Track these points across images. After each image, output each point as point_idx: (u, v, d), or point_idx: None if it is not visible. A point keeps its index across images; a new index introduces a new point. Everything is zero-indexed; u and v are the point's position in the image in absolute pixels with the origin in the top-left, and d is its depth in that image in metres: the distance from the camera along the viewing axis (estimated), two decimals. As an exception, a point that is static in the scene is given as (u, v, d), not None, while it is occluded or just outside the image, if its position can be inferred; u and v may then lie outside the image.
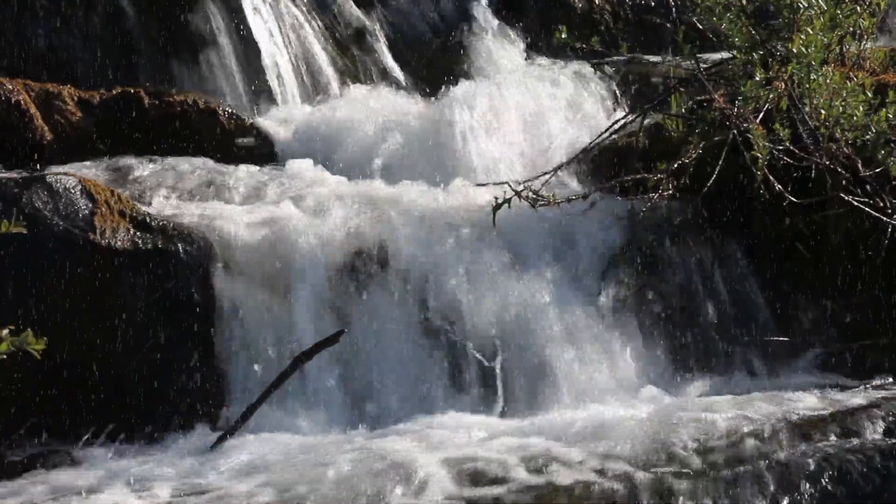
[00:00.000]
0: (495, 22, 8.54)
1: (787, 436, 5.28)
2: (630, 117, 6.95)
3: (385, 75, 8.21)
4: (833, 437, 5.29)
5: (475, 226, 6.41)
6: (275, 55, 7.78)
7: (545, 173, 6.59)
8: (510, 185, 6.28)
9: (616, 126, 6.92)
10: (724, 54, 6.88)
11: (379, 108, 7.64)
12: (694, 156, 6.41)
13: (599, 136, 6.89)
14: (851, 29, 6.63)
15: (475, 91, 7.64)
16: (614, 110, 7.68)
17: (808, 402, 5.71)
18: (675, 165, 6.37)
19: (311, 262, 6.11)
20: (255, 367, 5.90)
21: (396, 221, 6.40)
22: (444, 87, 7.74)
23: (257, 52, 7.74)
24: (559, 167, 6.71)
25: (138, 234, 5.94)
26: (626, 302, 6.31)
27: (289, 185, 6.84)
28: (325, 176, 7.03)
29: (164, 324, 5.85)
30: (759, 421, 5.43)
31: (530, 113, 7.62)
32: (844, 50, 6.68)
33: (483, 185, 6.69)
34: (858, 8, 6.55)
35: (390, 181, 6.96)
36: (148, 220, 6.00)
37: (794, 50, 6.27)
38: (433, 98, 7.76)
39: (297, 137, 7.38)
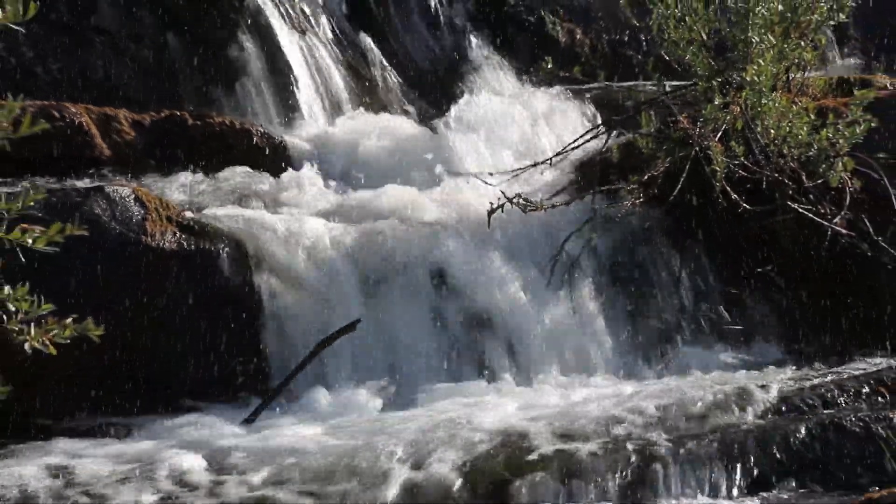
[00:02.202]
0: (489, 53, 8.54)
1: (739, 410, 5.33)
2: (600, 129, 6.97)
3: (394, 98, 8.21)
4: (780, 411, 5.32)
5: (473, 225, 6.46)
6: (300, 82, 7.80)
7: (514, 171, 6.70)
8: (503, 193, 6.30)
9: (586, 138, 6.93)
10: (688, 82, 6.90)
11: (388, 126, 7.66)
12: (662, 169, 6.43)
13: (567, 146, 6.92)
14: (797, 61, 6.66)
15: (471, 112, 7.66)
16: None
17: (759, 382, 5.74)
18: (646, 177, 6.40)
19: (334, 259, 6.16)
20: (287, 349, 5.95)
21: (405, 222, 6.45)
22: (444, 108, 7.76)
23: (285, 79, 7.77)
24: (524, 168, 6.78)
25: (184, 236, 5.98)
26: (601, 293, 6.34)
27: (312, 193, 6.86)
28: (344, 185, 7.05)
29: (207, 312, 5.89)
30: (715, 397, 5.46)
31: (519, 130, 7.64)
32: (791, 78, 6.73)
33: (477, 175, 6.77)
34: (802, 43, 6.59)
35: (398, 187, 6.99)
36: (192, 224, 6.05)
37: (748, 78, 6.32)
38: (435, 118, 7.76)
39: (319, 152, 7.39)
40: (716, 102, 6.34)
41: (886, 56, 9.02)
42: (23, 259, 3.75)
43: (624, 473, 4.89)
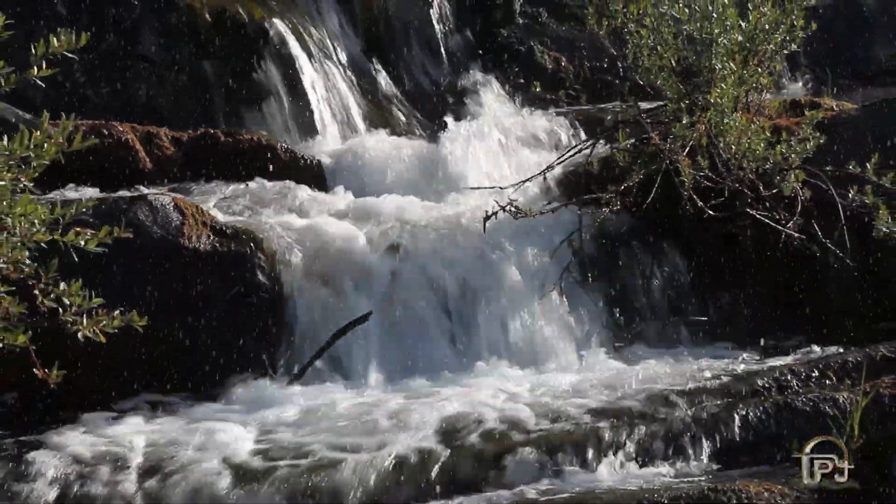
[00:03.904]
0: (484, 78, 8.54)
1: (706, 393, 5.32)
2: (583, 146, 6.96)
3: (401, 119, 8.21)
4: (740, 393, 5.32)
5: (471, 229, 6.43)
6: (318, 104, 7.79)
7: (513, 185, 6.67)
8: (497, 202, 6.31)
9: (571, 153, 6.92)
10: (659, 103, 6.90)
11: (397, 143, 7.65)
12: (637, 180, 6.41)
13: (556, 160, 6.90)
14: (755, 85, 6.66)
15: (470, 130, 7.65)
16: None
17: (721, 368, 5.74)
18: (623, 187, 6.39)
19: (349, 259, 6.16)
20: (307, 338, 5.94)
21: (412, 227, 6.44)
22: (445, 127, 7.75)
23: (305, 102, 7.75)
24: (523, 182, 6.73)
25: (217, 239, 5.97)
26: (583, 289, 6.34)
27: (330, 202, 6.86)
28: (357, 195, 7.05)
29: (238, 306, 5.89)
30: (684, 382, 5.47)
31: (511, 145, 7.64)
32: (749, 101, 6.72)
33: (475, 188, 6.75)
34: (760, 69, 6.59)
35: (405, 197, 6.97)
36: (224, 228, 6.04)
37: (712, 100, 6.32)
38: (437, 135, 7.76)
39: (335, 165, 7.38)
40: (684, 122, 6.33)
41: (832, 81, 9.02)
42: (76, 258, 3.76)
43: (601, 447, 4.90)
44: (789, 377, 5.42)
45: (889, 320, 6.30)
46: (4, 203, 3.53)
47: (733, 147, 6.27)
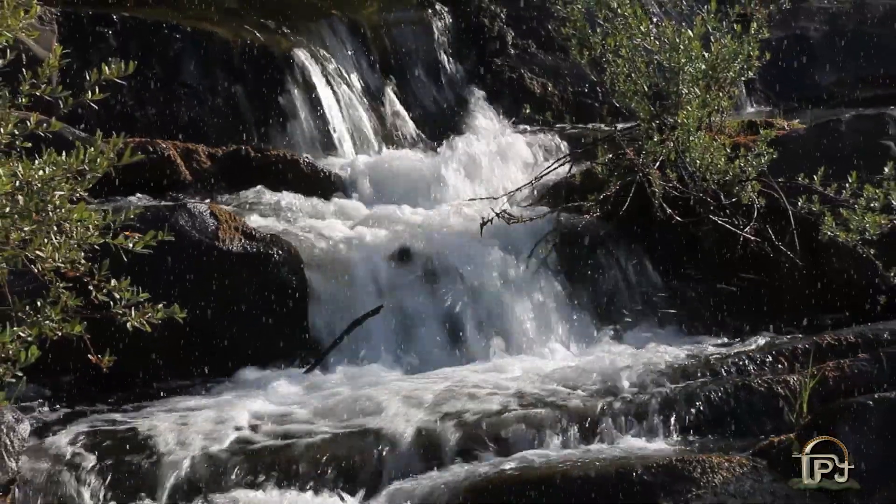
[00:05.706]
0: (480, 101, 8.56)
1: (671, 375, 5.35)
2: (566, 159, 6.97)
3: (409, 136, 8.21)
4: (702, 376, 5.34)
5: (469, 233, 6.43)
6: (336, 123, 7.80)
7: (504, 194, 6.74)
8: (492, 209, 6.32)
9: (555, 165, 6.93)
10: (633, 123, 6.91)
11: (406, 158, 7.65)
12: (613, 190, 6.44)
13: (541, 172, 6.92)
14: (717, 107, 6.67)
15: (469, 146, 7.66)
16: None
17: (686, 353, 5.76)
18: (601, 197, 6.41)
19: (363, 259, 6.17)
20: (324, 330, 5.95)
21: (417, 232, 6.44)
22: (447, 144, 7.75)
23: (325, 121, 7.76)
24: (513, 192, 6.77)
25: (247, 242, 5.98)
26: (566, 286, 6.34)
27: (346, 209, 6.87)
28: (370, 204, 7.05)
29: (265, 300, 5.90)
30: (653, 365, 5.49)
31: (505, 159, 7.64)
32: (712, 121, 6.73)
33: (473, 199, 6.76)
34: (721, 94, 6.61)
35: (412, 205, 6.98)
36: (254, 232, 6.04)
37: (679, 120, 6.33)
38: (441, 152, 7.75)
39: (350, 178, 7.37)
40: (655, 139, 6.35)
41: (784, 104, 9.05)
42: (125, 258, 3.78)
43: (581, 423, 4.92)
44: (747, 362, 5.44)
45: (833, 312, 6.32)
46: (63, 210, 3.55)
47: (698, 161, 6.28)
